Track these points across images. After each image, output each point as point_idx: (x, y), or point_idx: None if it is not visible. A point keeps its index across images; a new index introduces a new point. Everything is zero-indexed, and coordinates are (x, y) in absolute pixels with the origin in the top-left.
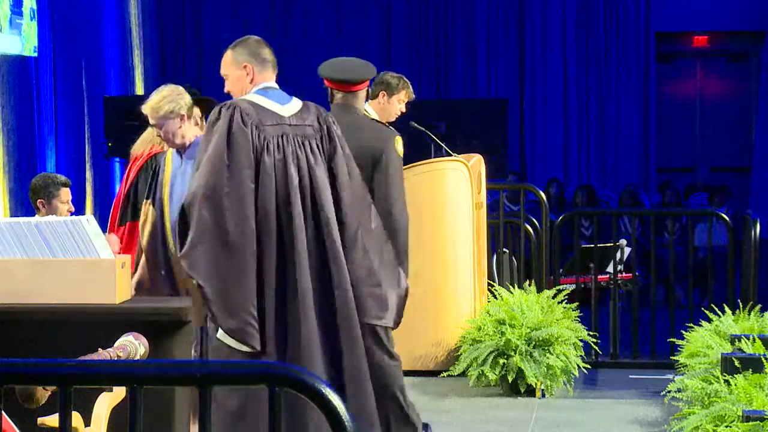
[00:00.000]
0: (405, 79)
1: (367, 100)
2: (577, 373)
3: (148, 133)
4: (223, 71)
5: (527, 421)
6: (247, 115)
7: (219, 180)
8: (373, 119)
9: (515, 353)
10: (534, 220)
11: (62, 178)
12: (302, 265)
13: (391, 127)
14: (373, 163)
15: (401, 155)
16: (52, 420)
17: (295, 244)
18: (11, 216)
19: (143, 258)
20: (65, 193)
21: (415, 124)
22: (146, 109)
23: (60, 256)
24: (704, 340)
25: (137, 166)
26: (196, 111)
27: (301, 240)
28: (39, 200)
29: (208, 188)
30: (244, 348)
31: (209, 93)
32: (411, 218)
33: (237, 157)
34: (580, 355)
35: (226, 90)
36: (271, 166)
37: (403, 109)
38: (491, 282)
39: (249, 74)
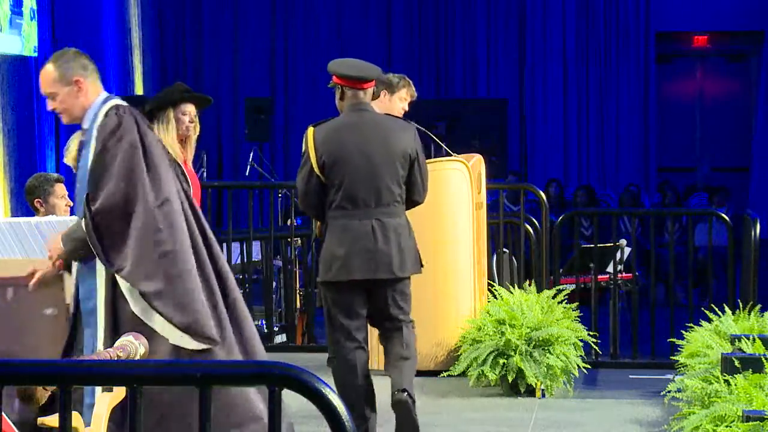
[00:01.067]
0: (406, 78)
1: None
2: (577, 373)
3: None
4: (48, 90)
5: (527, 421)
6: (142, 119)
7: (141, 190)
8: (387, 114)
9: (515, 353)
10: (534, 220)
11: (55, 175)
12: (220, 255)
13: (402, 118)
14: (410, 161)
15: None
16: (52, 420)
17: (209, 239)
18: (11, 216)
19: None
20: (60, 188)
21: (415, 125)
22: (71, 161)
23: None
24: (704, 340)
25: None
26: (191, 109)
27: (210, 233)
28: (36, 200)
29: (132, 200)
30: (203, 345)
31: (208, 93)
32: (411, 218)
33: (156, 164)
34: (580, 355)
35: (51, 108)
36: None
37: (406, 108)
38: (491, 282)
39: (81, 88)
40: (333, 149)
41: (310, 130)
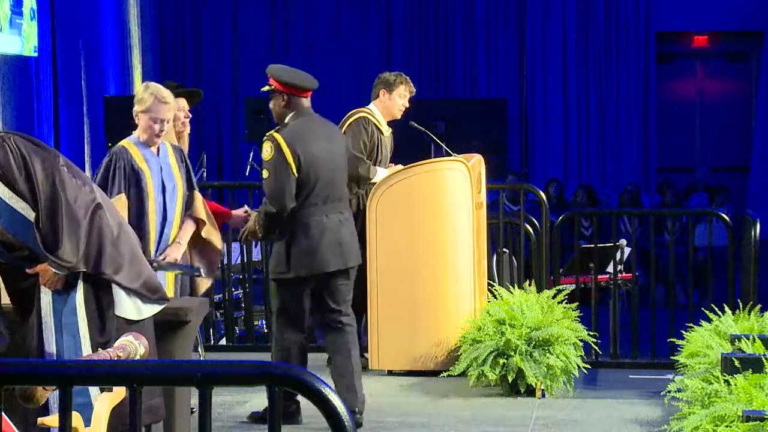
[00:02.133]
0: (403, 75)
1: (372, 100)
2: (577, 373)
3: None
4: None
5: (527, 421)
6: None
7: (62, 189)
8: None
9: (515, 353)
10: (534, 220)
11: None
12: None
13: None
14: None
15: None
16: (52, 420)
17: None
18: None
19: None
20: None
21: (415, 124)
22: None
23: None
24: (704, 340)
25: None
26: (184, 104)
27: None
28: None
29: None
30: (159, 306)
31: (208, 93)
32: (411, 218)
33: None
34: (580, 355)
35: None
36: None
37: (406, 104)
38: (491, 282)
39: None
40: (305, 149)
41: (277, 134)
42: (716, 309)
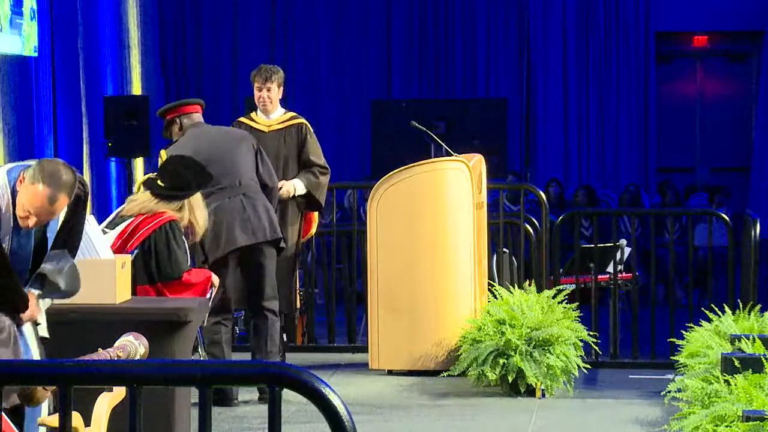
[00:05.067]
0: (258, 69)
1: None
2: (577, 373)
3: (145, 197)
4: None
5: (527, 421)
6: None
7: None
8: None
9: (515, 353)
10: (534, 220)
11: None
12: None
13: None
14: None
15: None
16: (52, 420)
17: None
18: None
19: None
20: None
21: (416, 124)
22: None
23: None
24: (704, 340)
25: (151, 227)
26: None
27: None
28: None
29: None
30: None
31: (208, 93)
32: (411, 218)
33: None
34: (580, 355)
35: (32, 225)
36: None
37: (264, 96)
38: (491, 282)
39: None
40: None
41: (163, 151)
42: (716, 309)
